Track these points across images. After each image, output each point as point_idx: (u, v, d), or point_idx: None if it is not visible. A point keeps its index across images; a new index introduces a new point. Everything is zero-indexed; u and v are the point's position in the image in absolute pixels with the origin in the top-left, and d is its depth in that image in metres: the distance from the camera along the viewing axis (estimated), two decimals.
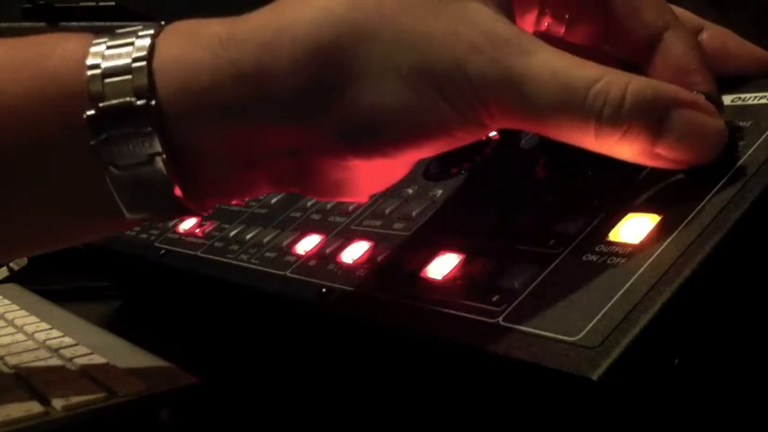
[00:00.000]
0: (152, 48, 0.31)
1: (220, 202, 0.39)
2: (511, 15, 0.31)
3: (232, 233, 0.49)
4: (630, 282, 0.28)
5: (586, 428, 0.27)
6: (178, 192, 0.32)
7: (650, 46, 0.32)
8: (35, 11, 0.86)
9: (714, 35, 0.35)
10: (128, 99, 0.31)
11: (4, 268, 0.68)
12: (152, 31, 0.32)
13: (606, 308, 0.27)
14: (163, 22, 0.33)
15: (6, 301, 0.57)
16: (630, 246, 0.29)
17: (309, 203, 0.47)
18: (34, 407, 0.34)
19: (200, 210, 0.34)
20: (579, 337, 0.27)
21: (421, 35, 0.30)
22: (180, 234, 0.54)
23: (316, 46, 0.30)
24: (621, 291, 0.27)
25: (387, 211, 0.41)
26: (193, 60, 0.31)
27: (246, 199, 0.53)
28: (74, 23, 0.85)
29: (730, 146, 0.31)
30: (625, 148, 0.29)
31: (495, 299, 0.31)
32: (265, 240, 0.46)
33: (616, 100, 0.28)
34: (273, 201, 0.50)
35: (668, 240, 0.28)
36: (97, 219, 0.34)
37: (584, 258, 0.30)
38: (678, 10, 0.34)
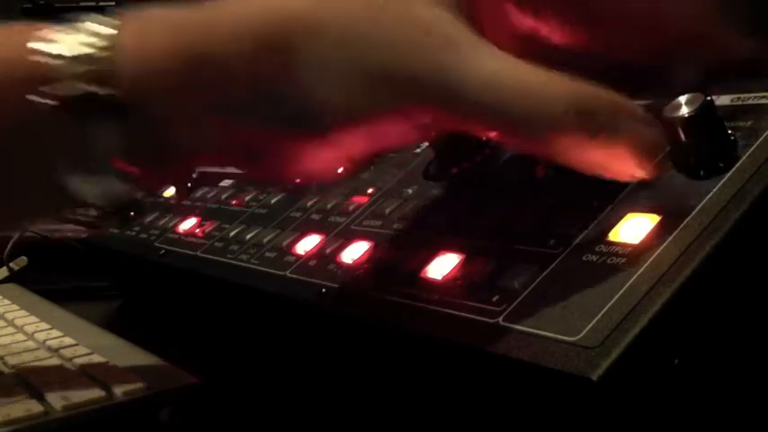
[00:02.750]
0: (112, 38, 0.32)
1: (170, 183, 0.42)
2: (469, 14, 0.31)
3: (232, 233, 0.49)
4: (630, 282, 0.28)
5: (586, 428, 0.27)
6: (134, 173, 0.33)
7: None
8: (35, 11, 0.86)
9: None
10: (90, 88, 0.31)
11: (4, 268, 0.68)
12: (111, 21, 0.33)
13: (606, 308, 0.27)
14: (120, 12, 0.33)
15: (6, 301, 0.57)
16: (630, 246, 0.29)
17: (309, 203, 0.47)
18: (34, 407, 0.34)
19: (151, 190, 0.35)
20: (579, 337, 0.27)
21: (370, 36, 0.30)
22: (180, 234, 0.54)
23: (261, 39, 0.31)
24: (621, 291, 0.27)
25: (387, 211, 0.41)
26: (150, 49, 0.32)
27: (246, 198, 0.53)
28: None
29: (730, 145, 0.31)
30: (560, 151, 0.30)
31: (495, 299, 0.31)
32: (265, 240, 0.46)
33: (558, 107, 0.28)
34: (273, 201, 0.50)
35: (668, 240, 0.28)
36: (51, 202, 0.35)
37: (584, 258, 0.30)
38: None
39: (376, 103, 0.31)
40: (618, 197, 0.32)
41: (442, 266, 0.34)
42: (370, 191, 0.44)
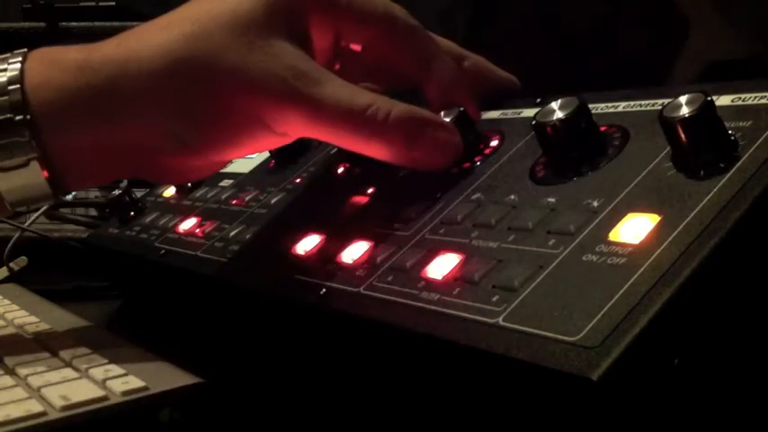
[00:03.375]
0: (22, 72, 0.39)
1: (82, 188, 0.52)
2: (310, 49, 0.41)
3: (232, 233, 0.49)
4: (630, 282, 0.28)
5: (586, 428, 0.27)
6: (48, 185, 0.40)
7: (424, 71, 0.44)
8: (35, 11, 0.86)
9: (472, 63, 0.47)
10: (8, 115, 0.39)
11: (4, 268, 0.68)
12: (20, 59, 0.40)
13: (606, 308, 0.27)
14: (26, 49, 0.41)
15: (6, 301, 0.57)
16: (630, 246, 0.29)
17: (309, 203, 0.47)
18: (34, 407, 0.34)
19: (63, 195, 0.43)
20: (579, 337, 0.27)
21: (240, 68, 0.39)
22: (180, 234, 0.54)
23: (157, 75, 0.39)
24: (621, 291, 0.27)
25: (387, 211, 0.41)
26: (57, 83, 0.39)
27: (246, 198, 0.53)
28: (74, 23, 0.85)
29: (730, 145, 0.31)
30: (389, 154, 0.40)
31: (495, 299, 0.31)
32: (265, 240, 0.46)
33: (381, 119, 0.39)
34: (273, 201, 0.50)
35: (668, 240, 0.28)
36: None
37: (584, 258, 0.30)
38: (443, 42, 0.45)
39: (252, 123, 0.40)
40: (618, 197, 0.32)
41: (442, 266, 0.34)
42: (370, 191, 0.44)
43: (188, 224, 0.54)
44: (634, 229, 0.30)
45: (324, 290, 0.38)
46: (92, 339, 0.44)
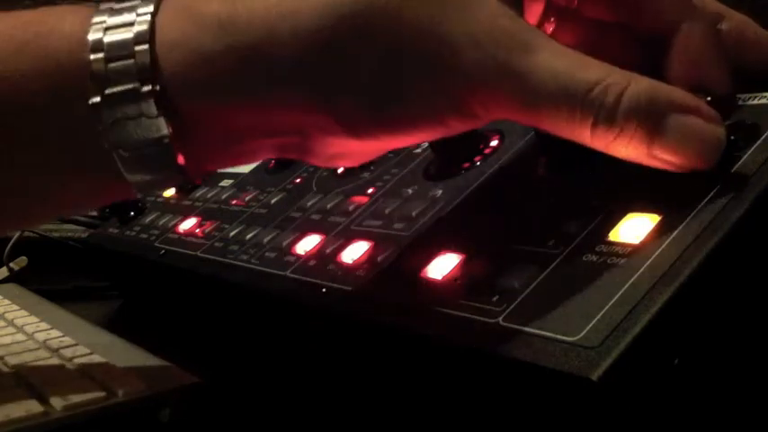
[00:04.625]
0: (152, 28, 0.31)
1: (219, 168, 0.42)
2: (519, 4, 0.32)
3: (232, 233, 0.49)
4: (630, 282, 0.28)
5: (586, 428, 0.27)
6: (182, 163, 0.32)
7: (668, 34, 0.33)
8: None
9: (733, 25, 0.34)
10: (133, 85, 0.30)
11: (4, 268, 0.68)
12: (151, 9, 0.31)
13: (606, 308, 0.27)
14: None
15: (6, 301, 0.57)
16: (630, 246, 0.29)
17: (309, 203, 0.47)
18: (34, 407, 0.34)
19: (198, 176, 0.35)
20: (579, 337, 0.27)
21: (422, 29, 0.30)
22: (180, 234, 0.54)
23: (318, 38, 0.30)
24: (621, 291, 0.27)
25: (387, 211, 0.41)
26: (195, 45, 0.31)
27: (246, 198, 0.53)
28: None
29: (730, 145, 0.31)
30: (620, 149, 0.29)
31: (495, 299, 0.31)
32: (265, 240, 0.46)
33: (611, 104, 0.28)
34: (273, 201, 0.50)
35: (668, 240, 0.28)
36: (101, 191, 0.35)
37: (584, 258, 0.30)
38: None
39: (433, 97, 0.30)
40: (618, 197, 0.32)
41: (442, 266, 0.34)
42: (370, 191, 0.44)
43: (188, 224, 0.54)
44: (634, 229, 0.30)
45: (324, 290, 0.38)
46: (92, 339, 0.44)
